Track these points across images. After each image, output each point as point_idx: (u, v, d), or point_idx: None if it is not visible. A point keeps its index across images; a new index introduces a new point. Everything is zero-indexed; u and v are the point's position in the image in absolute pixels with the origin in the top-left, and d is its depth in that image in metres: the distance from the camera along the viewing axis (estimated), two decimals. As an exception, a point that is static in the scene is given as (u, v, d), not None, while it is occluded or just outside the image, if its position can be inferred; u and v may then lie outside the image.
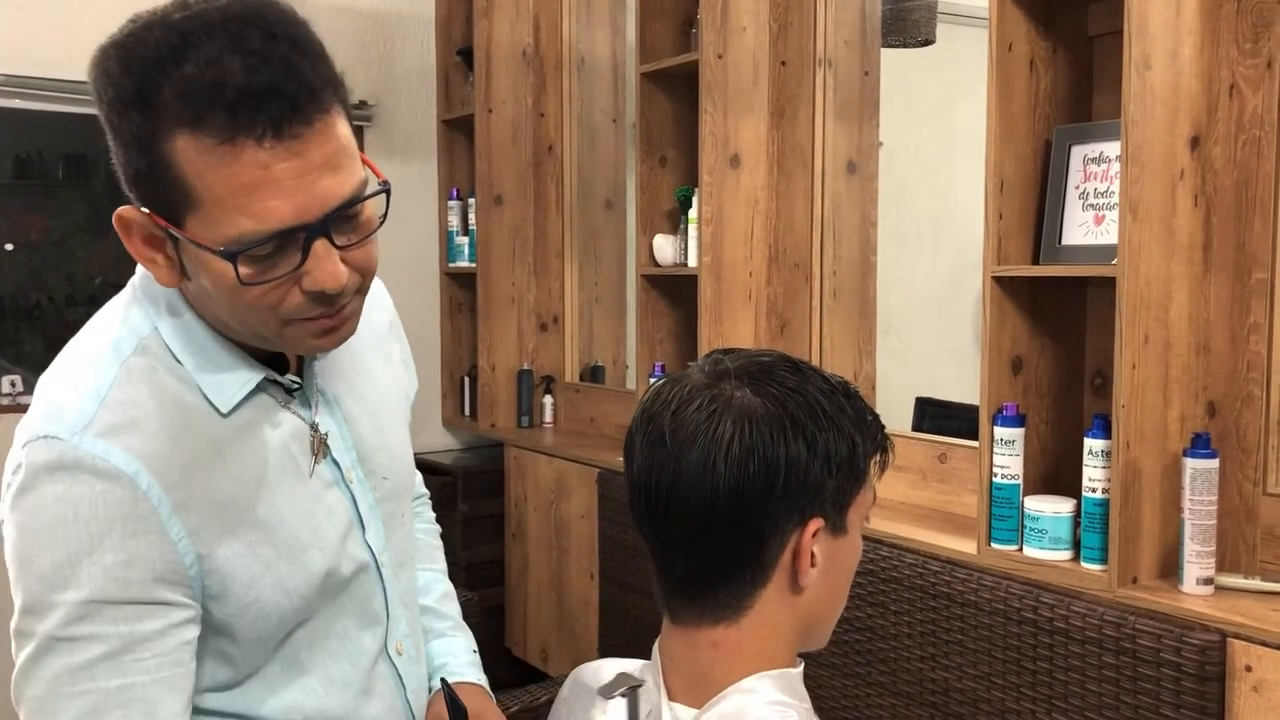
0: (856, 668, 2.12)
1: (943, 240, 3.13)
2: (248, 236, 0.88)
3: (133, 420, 0.94)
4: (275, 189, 0.87)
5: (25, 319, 3.61)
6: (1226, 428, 1.82)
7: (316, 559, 1.04)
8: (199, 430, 0.98)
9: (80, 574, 0.90)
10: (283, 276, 0.91)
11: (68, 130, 3.59)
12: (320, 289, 0.92)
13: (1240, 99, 1.79)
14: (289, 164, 0.87)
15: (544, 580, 3.32)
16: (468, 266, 3.69)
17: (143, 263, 0.96)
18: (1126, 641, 1.67)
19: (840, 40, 2.64)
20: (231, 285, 0.90)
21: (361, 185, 0.93)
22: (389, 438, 1.17)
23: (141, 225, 0.93)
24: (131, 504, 0.92)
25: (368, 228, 0.96)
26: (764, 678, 0.92)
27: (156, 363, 0.98)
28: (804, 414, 0.89)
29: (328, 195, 0.90)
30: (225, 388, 1.00)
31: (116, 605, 0.92)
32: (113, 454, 0.92)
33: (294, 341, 0.98)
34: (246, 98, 0.85)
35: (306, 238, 0.90)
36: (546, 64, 3.62)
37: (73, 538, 0.90)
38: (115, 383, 0.96)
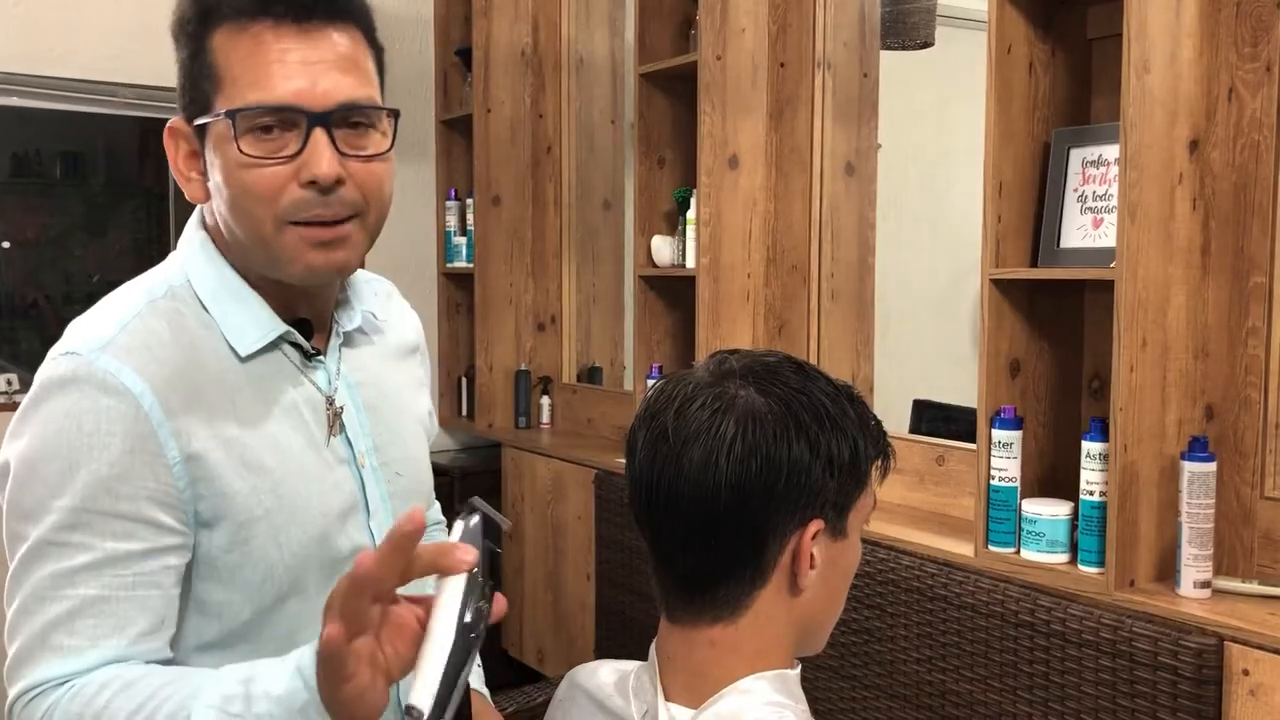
0: (853, 670, 2.12)
1: (941, 242, 3.13)
2: (254, 103, 0.96)
3: (146, 346, 1.00)
4: (283, 68, 0.96)
5: (22, 318, 3.61)
6: (1224, 431, 1.82)
7: (316, 521, 1.06)
8: (211, 369, 1.03)
9: (76, 481, 0.95)
10: (281, 159, 0.97)
11: (66, 129, 3.59)
12: (314, 177, 0.97)
13: (1239, 103, 1.79)
14: (301, 49, 0.97)
15: (540, 581, 3.32)
16: (465, 267, 3.69)
17: (180, 180, 1.05)
18: (1123, 645, 1.67)
19: (839, 42, 2.64)
20: (235, 160, 0.97)
21: (370, 100, 1.02)
22: (408, 440, 1.19)
23: (186, 137, 1.03)
24: (133, 421, 0.96)
25: (374, 147, 1.02)
26: (761, 678, 0.92)
27: (183, 306, 1.05)
28: (808, 415, 0.89)
29: (333, 88, 0.98)
30: (247, 333, 1.05)
31: (106, 517, 0.96)
32: (123, 372, 0.97)
33: (292, 252, 1.01)
34: None
35: (308, 124, 0.97)
36: (545, 64, 3.62)
37: (75, 447, 0.95)
38: (138, 314, 1.02)
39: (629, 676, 1.01)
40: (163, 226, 3.81)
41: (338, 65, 0.99)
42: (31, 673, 0.95)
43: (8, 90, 3.36)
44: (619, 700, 0.99)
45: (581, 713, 1.04)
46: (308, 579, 1.06)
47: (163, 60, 3.01)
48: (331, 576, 1.07)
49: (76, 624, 0.95)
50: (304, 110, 0.97)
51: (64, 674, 0.94)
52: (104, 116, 3.56)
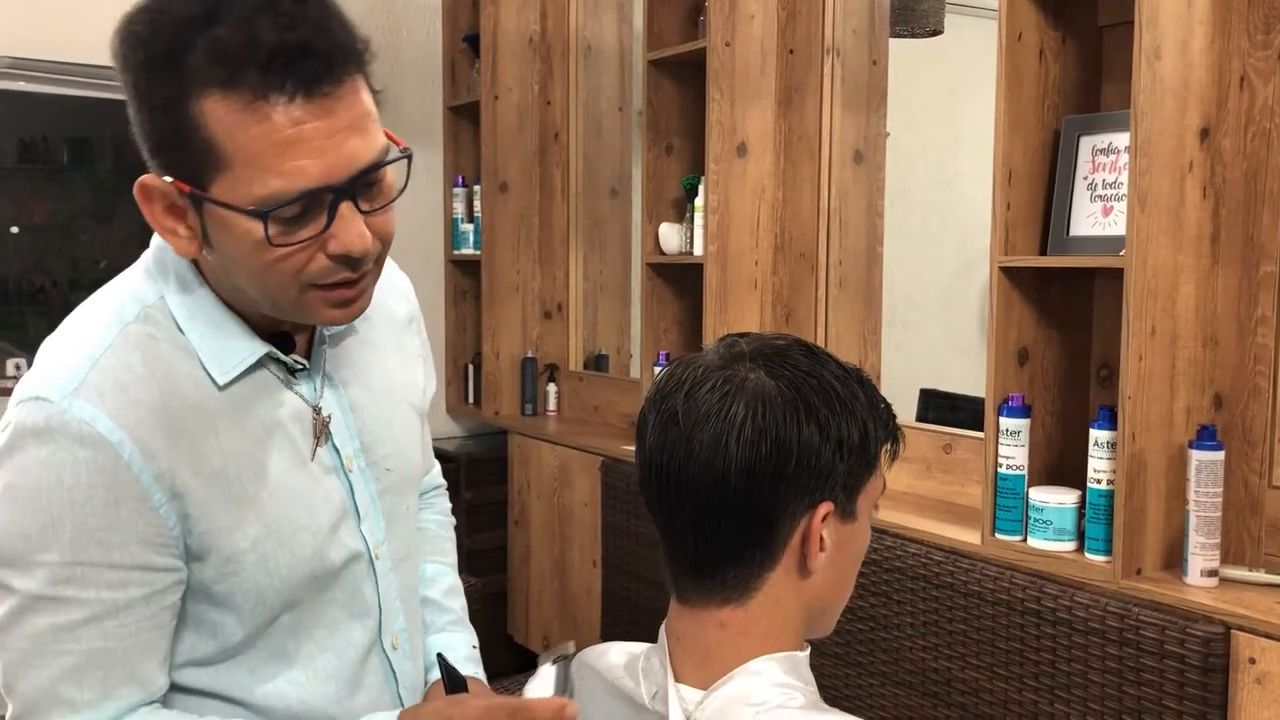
0: (859, 657, 2.12)
1: (949, 231, 3.12)
2: (277, 196, 0.88)
3: (121, 386, 0.95)
4: (305, 148, 0.88)
5: (29, 303, 3.61)
6: (1232, 420, 1.82)
7: (306, 542, 1.04)
8: (190, 400, 0.98)
9: (64, 536, 0.92)
10: (309, 239, 0.92)
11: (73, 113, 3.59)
12: (346, 251, 0.93)
13: (1251, 90, 1.78)
14: (319, 123, 0.88)
15: (546, 568, 3.32)
16: (472, 254, 3.69)
17: (162, 233, 0.96)
18: (1130, 633, 1.67)
19: (849, 29, 2.63)
20: (258, 245, 0.91)
21: (384, 151, 0.94)
22: (396, 429, 1.16)
23: (164, 193, 0.93)
24: (113, 472, 0.93)
25: (389, 194, 0.97)
26: (771, 660, 0.92)
27: (158, 331, 0.99)
28: (818, 398, 0.89)
29: (354, 157, 0.91)
30: (226, 359, 1.00)
31: (99, 568, 0.93)
32: (98, 420, 0.93)
33: (310, 311, 0.98)
34: (279, 55, 0.86)
35: (334, 200, 0.91)
36: (553, 51, 3.61)
37: (56, 502, 0.92)
38: (111, 347, 0.97)
39: (638, 658, 1.01)
40: (170, 212, 3.81)
41: (353, 129, 0.91)
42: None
43: (15, 75, 3.36)
44: (629, 682, 1.00)
45: (591, 694, 1.04)
46: (300, 594, 1.05)
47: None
48: (328, 586, 1.07)
49: (85, 678, 0.94)
50: (330, 188, 0.90)
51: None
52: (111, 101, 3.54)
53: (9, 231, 3.53)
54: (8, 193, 3.52)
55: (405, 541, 1.18)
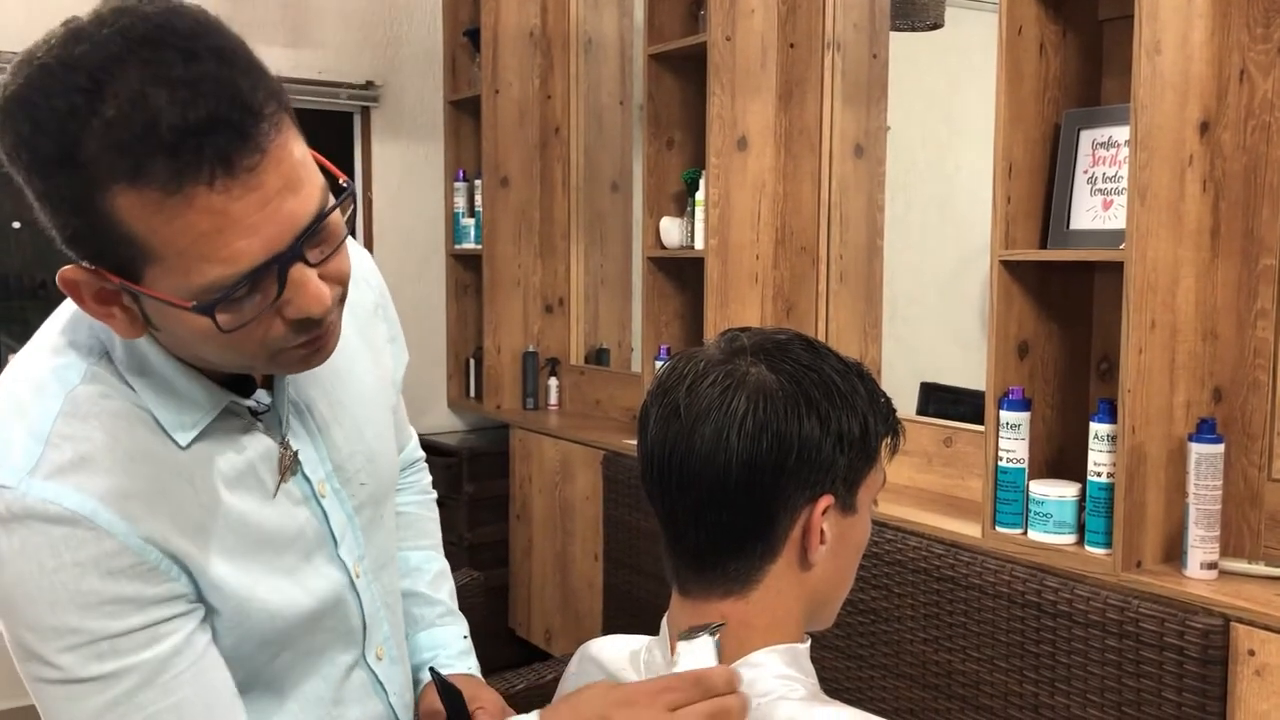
0: (860, 650, 2.13)
1: (949, 224, 3.13)
2: (219, 282, 0.80)
3: (83, 457, 0.87)
4: (239, 229, 0.78)
5: (31, 297, 3.62)
6: (1232, 413, 1.82)
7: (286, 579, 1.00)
8: (159, 458, 0.91)
9: (70, 621, 0.86)
10: (263, 312, 0.83)
11: (74, 109, 3.59)
12: (305, 315, 0.85)
13: (1250, 84, 1.78)
14: (248, 199, 0.78)
15: (548, 561, 3.33)
16: (474, 248, 3.69)
17: (99, 319, 0.86)
18: (1130, 625, 1.68)
19: (849, 23, 2.63)
20: (210, 334, 0.82)
21: (324, 194, 0.84)
22: (368, 436, 1.11)
23: (90, 284, 0.83)
24: (95, 543, 0.86)
25: (337, 236, 0.87)
26: (772, 652, 0.92)
27: (110, 389, 0.90)
28: (818, 392, 0.90)
29: (294, 218, 0.81)
30: (184, 418, 0.92)
31: (127, 636, 0.88)
32: (64, 496, 0.85)
33: (283, 367, 0.93)
34: (186, 136, 0.75)
35: (280, 268, 0.81)
36: (554, 45, 3.62)
37: (46, 589, 0.85)
38: (60, 416, 0.88)
39: (640, 651, 1.01)
40: (172, 207, 3.82)
41: (286, 189, 0.80)
42: None
43: (17, 70, 3.36)
44: (631, 674, 1.00)
45: (593, 686, 1.05)
46: (295, 632, 1.02)
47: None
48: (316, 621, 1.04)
49: None
50: (275, 258, 0.81)
51: None
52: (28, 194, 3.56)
53: (11, 227, 3.53)
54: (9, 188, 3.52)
55: (383, 549, 1.15)
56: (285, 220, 0.80)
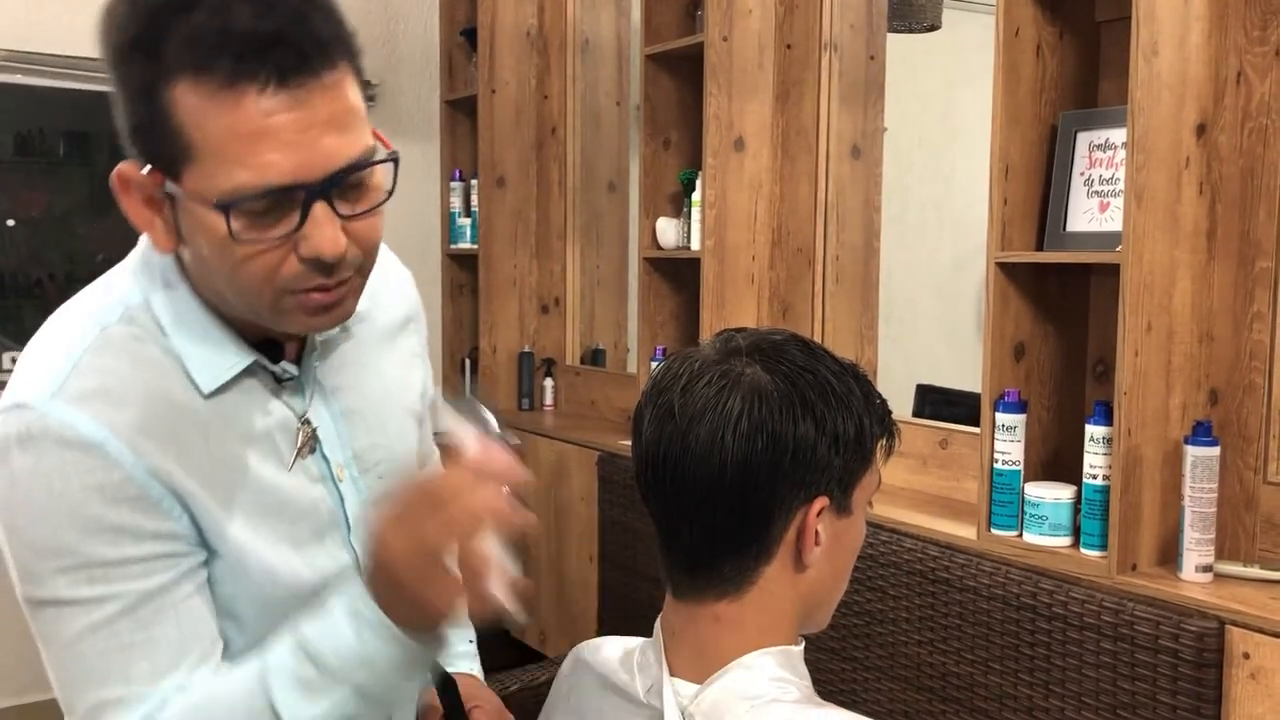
0: (854, 651, 2.12)
1: (946, 226, 3.13)
2: (244, 190, 0.84)
3: (105, 388, 0.91)
4: (275, 141, 0.83)
5: (26, 296, 3.61)
6: (1228, 416, 1.82)
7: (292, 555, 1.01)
8: (179, 404, 0.94)
9: (68, 543, 0.89)
10: (278, 238, 0.87)
11: (70, 106, 3.58)
12: (317, 255, 0.87)
13: (1248, 87, 1.78)
14: (291, 116, 0.83)
15: (543, 562, 3.33)
16: (469, 248, 3.69)
17: (139, 225, 0.92)
18: (1125, 628, 1.68)
19: (846, 24, 2.63)
20: (224, 243, 0.86)
21: (369, 152, 0.89)
22: (390, 434, 1.13)
23: (140, 184, 0.89)
24: (104, 471, 0.89)
25: (373, 199, 0.91)
26: (766, 654, 0.92)
27: (142, 333, 0.95)
28: (814, 393, 0.89)
29: (331, 155, 0.85)
30: (211, 367, 0.96)
31: (118, 565, 0.91)
32: (81, 422, 0.89)
33: (287, 319, 0.93)
34: (252, 43, 0.82)
35: (306, 198, 0.85)
36: (550, 45, 3.61)
37: (52, 510, 0.89)
38: (91, 348, 0.93)
39: (634, 652, 1.01)
40: (167, 206, 3.81)
41: (332, 124, 0.85)
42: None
43: (11, 68, 3.35)
44: (624, 676, 1.00)
45: (586, 689, 1.04)
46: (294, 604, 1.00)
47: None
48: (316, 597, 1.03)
49: (132, 670, 0.91)
50: (302, 185, 0.85)
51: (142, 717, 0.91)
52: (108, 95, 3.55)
53: (5, 225, 3.52)
54: (4, 186, 3.51)
55: None
56: (321, 153, 0.85)
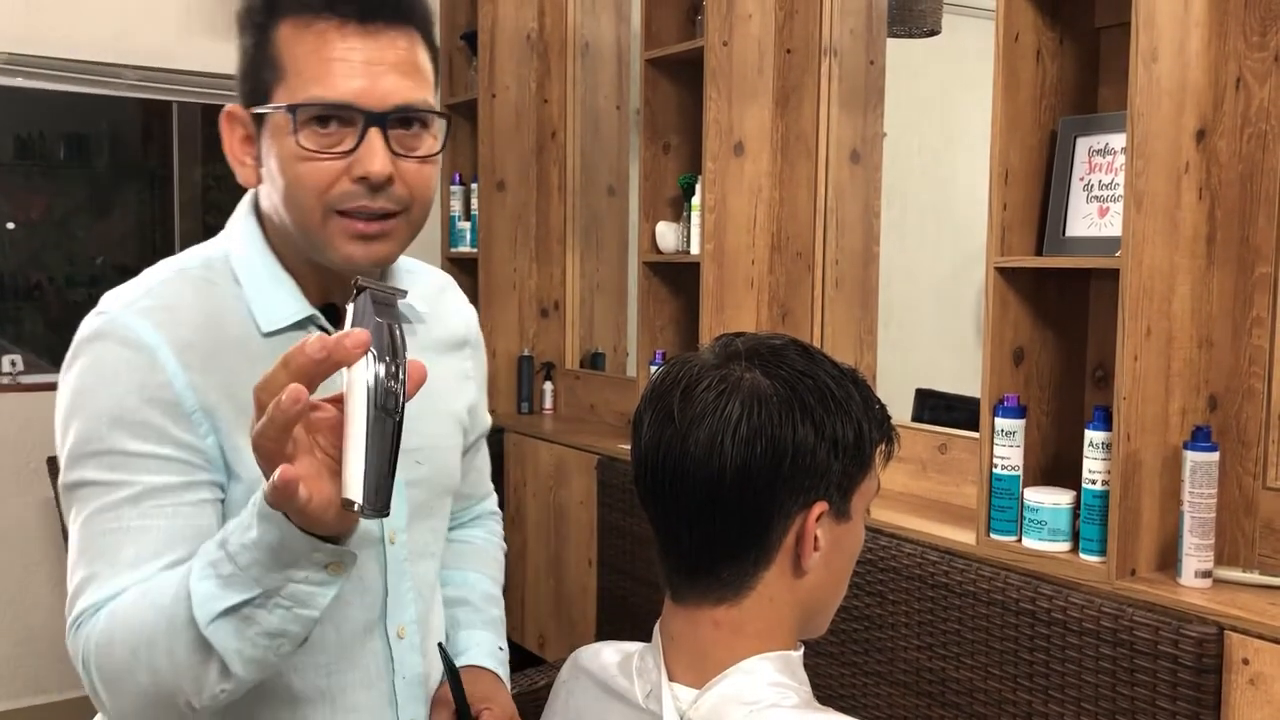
0: (854, 656, 2.12)
1: (945, 231, 3.13)
2: (315, 99, 1.00)
3: (168, 306, 1.05)
4: (346, 67, 1.00)
5: (26, 299, 3.61)
6: (1227, 421, 1.82)
7: None
8: (233, 337, 1.07)
9: (104, 430, 1.01)
10: (335, 153, 1.01)
11: (69, 110, 3.58)
12: (366, 173, 1.01)
13: (1247, 92, 1.78)
14: (363, 49, 1.01)
15: (542, 566, 3.32)
16: (469, 252, 3.69)
17: (233, 163, 1.09)
18: (1124, 633, 1.68)
19: (846, 29, 2.63)
20: (291, 151, 1.01)
21: (424, 104, 1.04)
22: (432, 430, 1.19)
23: (242, 121, 1.07)
24: (149, 372, 1.02)
25: (424, 148, 1.05)
26: (764, 659, 0.92)
27: (216, 276, 1.10)
28: (813, 398, 0.89)
29: (390, 92, 1.01)
30: (273, 310, 1.09)
31: (138, 457, 1.01)
32: (141, 329, 1.03)
33: (332, 241, 1.04)
34: None
35: (365, 123, 1.00)
36: (550, 49, 3.61)
37: (100, 397, 1.02)
38: (165, 281, 1.09)
39: (632, 657, 1.01)
40: (166, 208, 3.81)
41: (397, 67, 1.02)
42: (82, 597, 1.01)
43: (11, 71, 3.35)
44: (623, 681, 1.00)
45: (585, 694, 1.04)
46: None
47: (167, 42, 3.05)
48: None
49: (120, 553, 1.00)
50: (361, 109, 1.00)
51: (109, 595, 0.99)
52: (107, 98, 3.56)
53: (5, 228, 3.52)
54: (4, 189, 3.51)
55: (427, 541, 1.20)
56: (382, 87, 1.01)
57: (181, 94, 3.65)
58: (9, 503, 3.37)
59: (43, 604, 3.41)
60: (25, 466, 3.38)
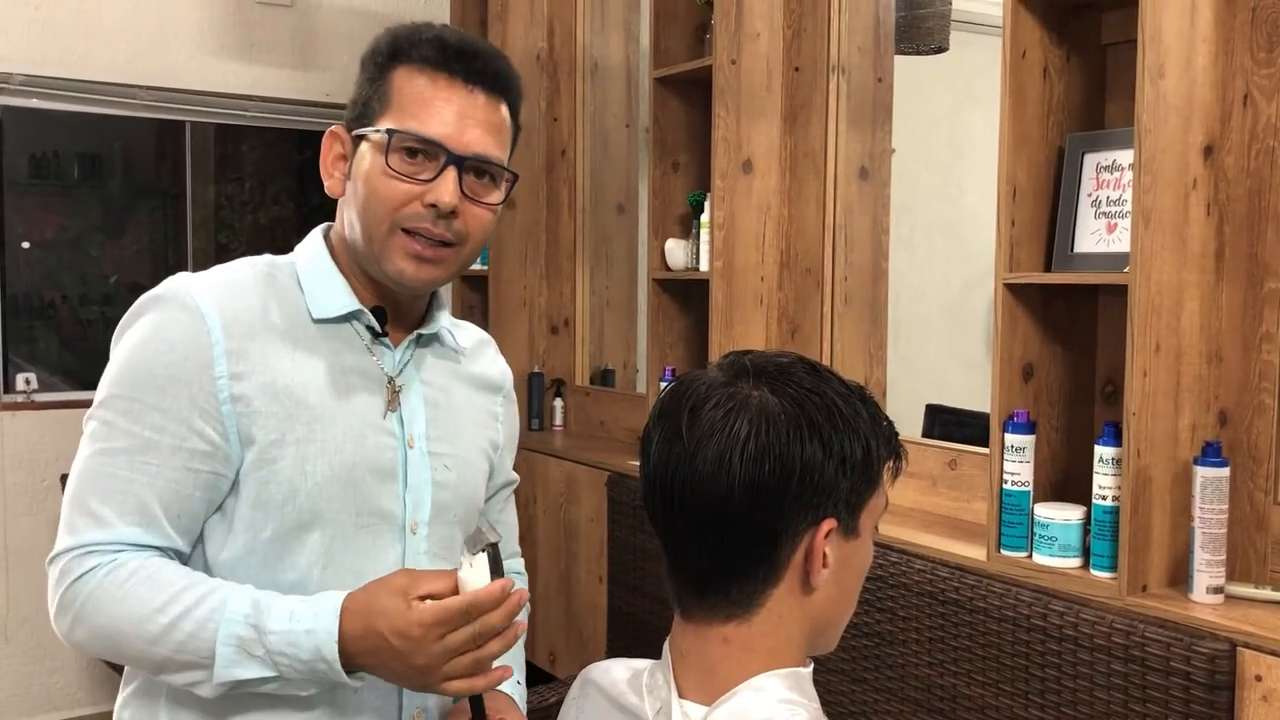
0: (864, 673, 2.12)
1: (954, 247, 3.13)
2: (409, 130, 1.15)
3: (227, 285, 1.18)
4: (442, 109, 1.17)
5: (39, 317, 3.63)
6: (1238, 437, 1.82)
7: (345, 462, 1.17)
8: (282, 321, 1.18)
9: (134, 375, 1.13)
10: (415, 179, 1.15)
11: (84, 130, 3.61)
12: (436, 200, 1.15)
13: (1254, 108, 1.79)
14: (460, 102, 1.18)
15: (553, 583, 3.32)
16: (480, 269, 3.70)
17: (324, 174, 1.23)
18: (1135, 650, 1.67)
19: (854, 47, 2.64)
20: (378, 168, 1.15)
21: (501, 160, 1.21)
22: (461, 444, 1.29)
23: (342, 141, 1.22)
24: (195, 334, 1.13)
25: (491, 197, 1.20)
26: (774, 676, 0.92)
27: (279, 275, 1.22)
28: (821, 415, 0.90)
29: (474, 141, 1.17)
30: (325, 301, 1.20)
31: (149, 409, 1.12)
32: (200, 297, 1.15)
33: (392, 254, 1.17)
34: (455, 49, 1.18)
35: (446, 160, 1.15)
36: (560, 68, 3.63)
37: (144, 348, 1.14)
38: (233, 268, 1.22)
39: (643, 674, 1.01)
40: (179, 227, 3.83)
41: (483, 125, 1.18)
42: (72, 534, 1.12)
43: (27, 92, 3.38)
44: (633, 698, 1.00)
45: (596, 710, 1.05)
46: (329, 513, 1.16)
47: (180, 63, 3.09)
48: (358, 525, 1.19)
49: (109, 497, 1.12)
50: (446, 149, 1.15)
51: (95, 541, 1.11)
52: (122, 118, 3.59)
53: (20, 247, 3.55)
54: (19, 208, 3.54)
55: (445, 544, 1.26)
56: (468, 136, 1.17)
57: (194, 114, 3.68)
58: (23, 520, 3.39)
59: (56, 621, 3.41)
60: (40, 484, 3.40)
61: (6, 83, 3.31)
